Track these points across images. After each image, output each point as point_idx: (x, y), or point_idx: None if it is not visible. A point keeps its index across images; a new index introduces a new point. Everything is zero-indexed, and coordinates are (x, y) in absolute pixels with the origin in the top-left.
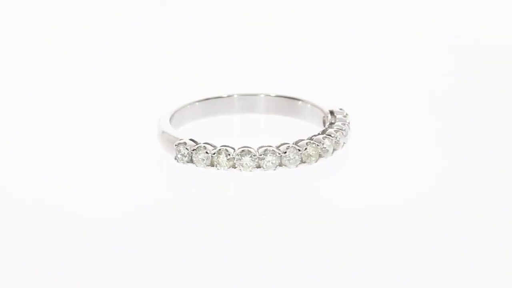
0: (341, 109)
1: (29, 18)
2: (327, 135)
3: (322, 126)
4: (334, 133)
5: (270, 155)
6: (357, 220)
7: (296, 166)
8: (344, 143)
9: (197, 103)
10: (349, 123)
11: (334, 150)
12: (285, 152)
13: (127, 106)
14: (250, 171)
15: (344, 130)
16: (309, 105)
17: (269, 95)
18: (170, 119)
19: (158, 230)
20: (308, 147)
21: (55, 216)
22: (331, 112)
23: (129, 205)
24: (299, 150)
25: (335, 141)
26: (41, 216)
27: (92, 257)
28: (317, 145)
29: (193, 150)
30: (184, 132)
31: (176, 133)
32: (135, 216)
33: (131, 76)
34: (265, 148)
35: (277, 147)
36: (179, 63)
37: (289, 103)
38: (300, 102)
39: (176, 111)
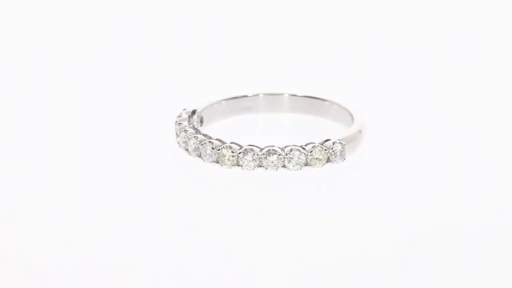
0: (340, 141)
1: (29, 18)
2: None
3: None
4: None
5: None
6: (361, 222)
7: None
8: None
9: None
10: (311, 152)
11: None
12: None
13: (144, 105)
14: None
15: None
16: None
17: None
18: None
19: (158, 229)
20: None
21: (57, 214)
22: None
23: (131, 203)
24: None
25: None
26: (43, 214)
27: (93, 255)
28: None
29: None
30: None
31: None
32: (136, 214)
33: (153, 76)
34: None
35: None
36: (202, 61)
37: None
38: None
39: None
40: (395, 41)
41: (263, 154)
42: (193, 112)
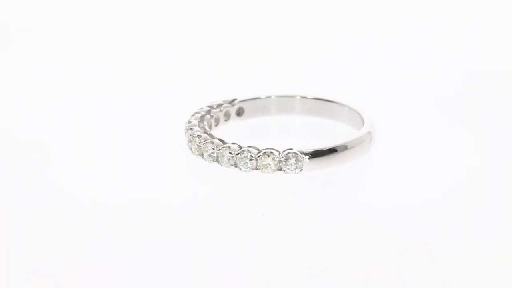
0: (297, 153)
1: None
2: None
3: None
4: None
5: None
6: (367, 224)
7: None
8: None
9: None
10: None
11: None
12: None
13: (151, 108)
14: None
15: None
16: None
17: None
18: None
19: (159, 229)
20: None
21: (58, 214)
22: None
23: (132, 204)
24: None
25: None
26: (47, 214)
27: (94, 255)
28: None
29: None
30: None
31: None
32: (137, 215)
33: (160, 78)
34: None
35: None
36: (212, 63)
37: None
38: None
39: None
40: (405, 42)
41: (219, 149)
42: (232, 101)
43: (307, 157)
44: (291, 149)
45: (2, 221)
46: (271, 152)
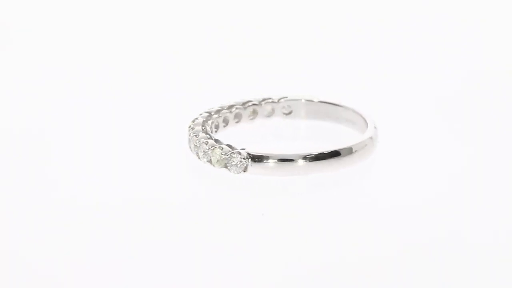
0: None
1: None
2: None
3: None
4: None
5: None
6: (369, 228)
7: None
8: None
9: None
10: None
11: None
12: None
13: (154, 110)
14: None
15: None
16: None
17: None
18: None
19: (159, 229)
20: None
21: (56, 214)
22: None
23: (131, 202)
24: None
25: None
26: (47, 214)
27: (92, 255)
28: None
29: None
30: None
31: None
32: (138, 215)
33: (164, 80)
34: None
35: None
36: (216, 65)
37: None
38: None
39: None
40: (405, 43)
41: (192, 136)
42: (279, 99)
43: (251, 159)
44: (244, 148)
45: (2, 221)
46: (220, 147)
